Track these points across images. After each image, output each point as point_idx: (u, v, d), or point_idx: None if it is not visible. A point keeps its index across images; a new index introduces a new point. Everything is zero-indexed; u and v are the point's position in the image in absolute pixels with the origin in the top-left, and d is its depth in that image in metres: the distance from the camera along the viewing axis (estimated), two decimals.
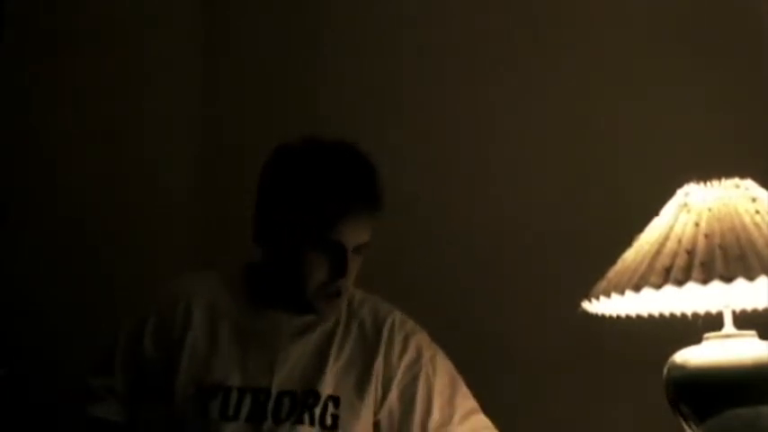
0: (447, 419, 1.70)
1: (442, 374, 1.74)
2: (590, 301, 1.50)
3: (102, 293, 2.26)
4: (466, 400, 1.74)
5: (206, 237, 2.36)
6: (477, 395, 1.81)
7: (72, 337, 2.23)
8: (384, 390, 1.72)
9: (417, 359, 1.74)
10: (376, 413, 1.71)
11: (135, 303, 1.87)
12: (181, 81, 2.46)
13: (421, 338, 1.77)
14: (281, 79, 2.41)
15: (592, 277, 1.53)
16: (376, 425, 1.72)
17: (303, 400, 1.66)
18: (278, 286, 1.72)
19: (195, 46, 2.48)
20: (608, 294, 1.45)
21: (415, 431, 1.70)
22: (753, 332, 1.47)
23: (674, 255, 1.40)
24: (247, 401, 1.65)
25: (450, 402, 1.72)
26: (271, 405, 1.65)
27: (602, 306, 1.51)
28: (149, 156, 2.40)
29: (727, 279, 1.33)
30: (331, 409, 1.67)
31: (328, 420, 1.66)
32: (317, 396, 1.67)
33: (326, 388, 1.68)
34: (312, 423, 1.65)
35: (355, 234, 1.65)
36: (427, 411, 1.71)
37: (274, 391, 1.66)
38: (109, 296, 2.25)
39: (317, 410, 1.66)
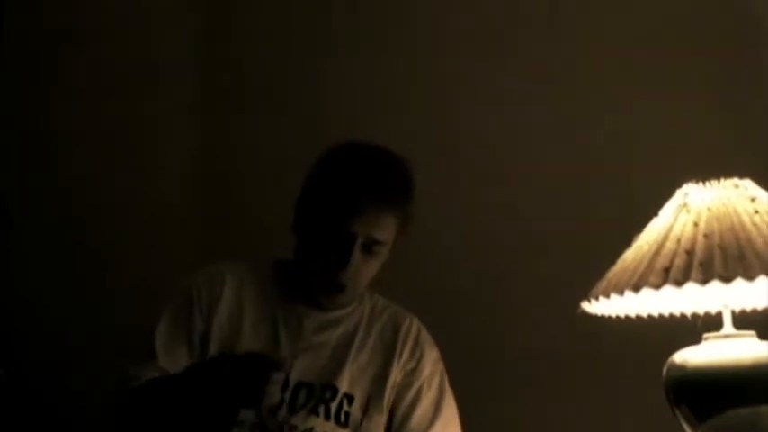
0: None
1: (431, 395, 1.77)
2: (589, 301, 1.50)
3: (103, 293, 2.26)
4: (446, 428, 1.76)
5: (206, 237, 2.36)
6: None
7: (72, 337, 2.23)
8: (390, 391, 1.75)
9: (415, 370, 1.77)
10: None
11: (134, 303, 1.88)
12: (181, 80, 2.46)
13: (429, 353, 1.80)
14: (282, 78, 2.40)
15: (591, 277, 1.53)
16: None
17: (321, 393, 1.69)
18: (298, 279, 1.74)
19: (196, 45, 2.47)
20: (607, 295, 1.45)
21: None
22: (752, 332, 1.46)
23: (674, 255, 1.40)
24: None
25: (430, 423, 1.74)
26: (288, 394, 1.67)
27: (601, 306, 1.51)
28: (149, 155, 2.40)
29: (727, 279, 1.33)
30: (345, 406, 1.70)
31: (342, 417, 1.69)
32: (334, 391, 1.70)
33: (343, 385, 1.70)
34: (327, 417, 1.68)
35: (364, 226, 1.66)
36: (405, 421, 1.74)
37: (292, 381, 1.69)
38: (109, 296, 2.25)
39: (333, 405, 1.69)
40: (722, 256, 1.35)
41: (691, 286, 1.35)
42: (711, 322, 1.52)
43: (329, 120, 2.29)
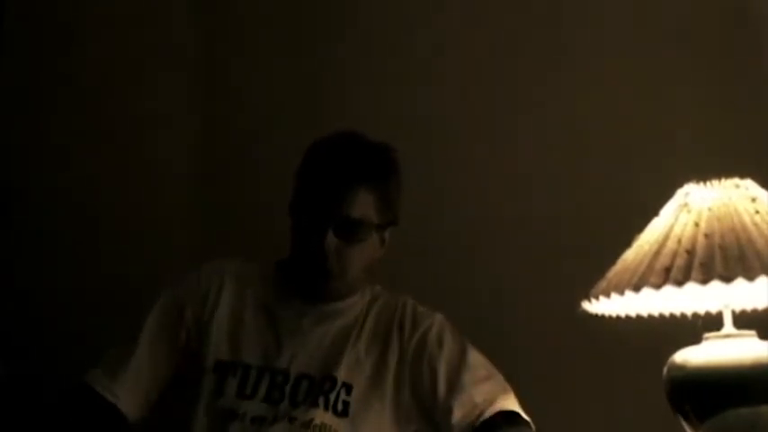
0: (452, 388, 1.72)
1: (448, 347, 1.76)
2: (590, 301, 1.51)
3: (103, 293, 2.26)
4: (475, 370, 1.75)
5: (206, 238, 2.35)
6: None
7: (72, 336, 2.23)
8: (403, 374, 1.75)
9: (423, 339, 1.77)
10: (400, 401, 1.74)
11: (134, 303, 1.88)
12: (181, 80, 2.45)
13: (428, 321, 1.80)
14: (282, 77, 2.40)
15: (592, 277, 1.53)
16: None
17: (320, 384, 1.69)
18: (295, 274, 1.75)
19: (196, 45, 2.47)
20: (608, 294, 1.45)
21: (427, 403, 1.73)
22: (752, 332, 1.47)
23: (674, 255, 1.40)
24: (265, 381, 1.69)
25: (458, 372, 1.73)
26: (288, 387, 1.69)
27: (602, 306, 1.51)
28: (149, 155, 2.40)
29: (727, 279, 1.33)
30: (343, 395, 1.70)
31: (339, 406, 1.69)
32: (333, 381, 1.71)
33: (342, 374, 1.71)
34: (326, 408, 1.69)
35: (343, 203, 1.68)
36: (433, 385, 1.73)
37: (293, 374, 1.70)
38: (109, 296, 2.25)
39: (332, 396, 1.70)
40: (723, 256, 1.36)
41: (691, 286, 1.36)
42: (712, 322, 1.52)
43: (329, 119, 2.28)
